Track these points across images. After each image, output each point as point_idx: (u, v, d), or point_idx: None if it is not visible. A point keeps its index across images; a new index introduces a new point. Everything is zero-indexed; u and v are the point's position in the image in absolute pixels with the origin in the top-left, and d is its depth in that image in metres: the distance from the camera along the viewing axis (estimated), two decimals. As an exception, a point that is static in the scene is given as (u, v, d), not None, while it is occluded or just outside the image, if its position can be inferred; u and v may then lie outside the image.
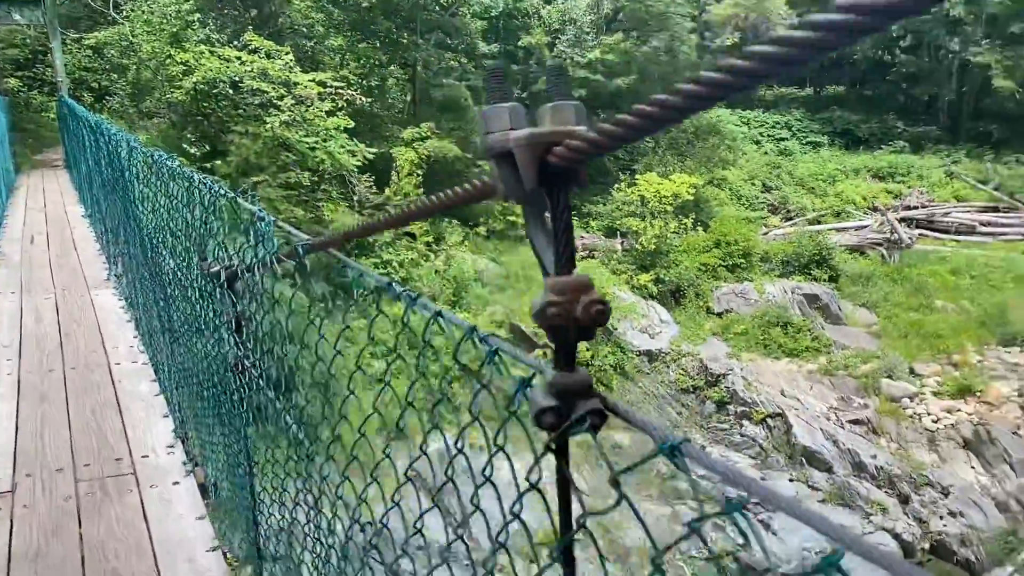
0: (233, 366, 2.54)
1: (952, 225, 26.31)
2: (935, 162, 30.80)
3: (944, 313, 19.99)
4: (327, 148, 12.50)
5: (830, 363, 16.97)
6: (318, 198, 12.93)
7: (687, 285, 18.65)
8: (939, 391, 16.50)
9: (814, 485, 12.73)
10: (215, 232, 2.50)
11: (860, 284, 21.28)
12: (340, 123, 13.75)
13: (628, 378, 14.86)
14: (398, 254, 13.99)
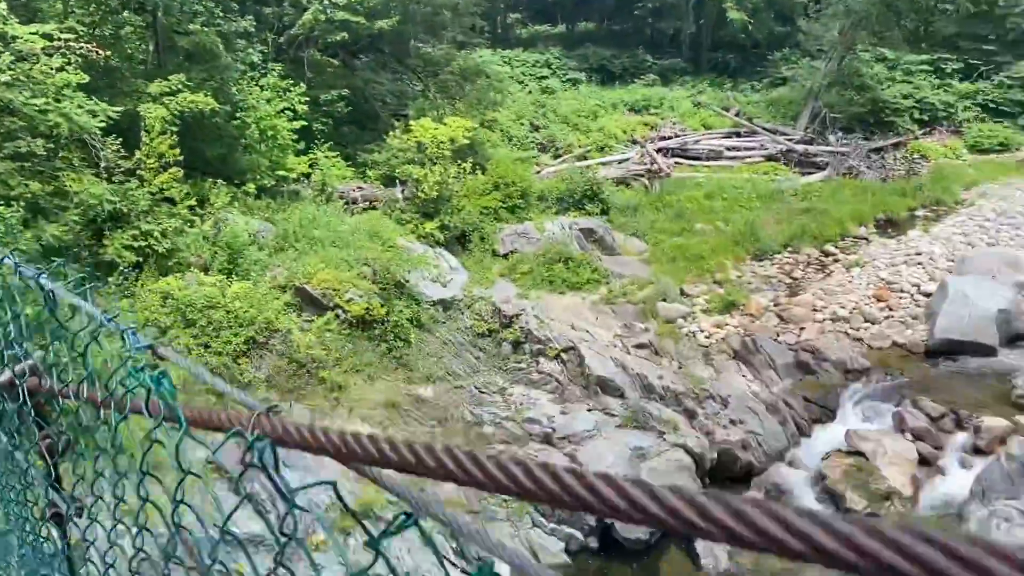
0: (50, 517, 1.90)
1: (703, 152, 28.34)
2: (683, 93, 32.92)
3: (704, 235, 21.52)
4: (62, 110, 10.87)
5: (611, 293, 17.72)
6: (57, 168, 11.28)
7: (472, 229, 18.64)
8: (708, 309, 17.83)
9: (610, 412, 13.30)
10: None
11: (628, 215, 22.39)
12: (71, 79, 12.04)
13: (425, 329, 14.64)
14: (158, 223, 12.64)
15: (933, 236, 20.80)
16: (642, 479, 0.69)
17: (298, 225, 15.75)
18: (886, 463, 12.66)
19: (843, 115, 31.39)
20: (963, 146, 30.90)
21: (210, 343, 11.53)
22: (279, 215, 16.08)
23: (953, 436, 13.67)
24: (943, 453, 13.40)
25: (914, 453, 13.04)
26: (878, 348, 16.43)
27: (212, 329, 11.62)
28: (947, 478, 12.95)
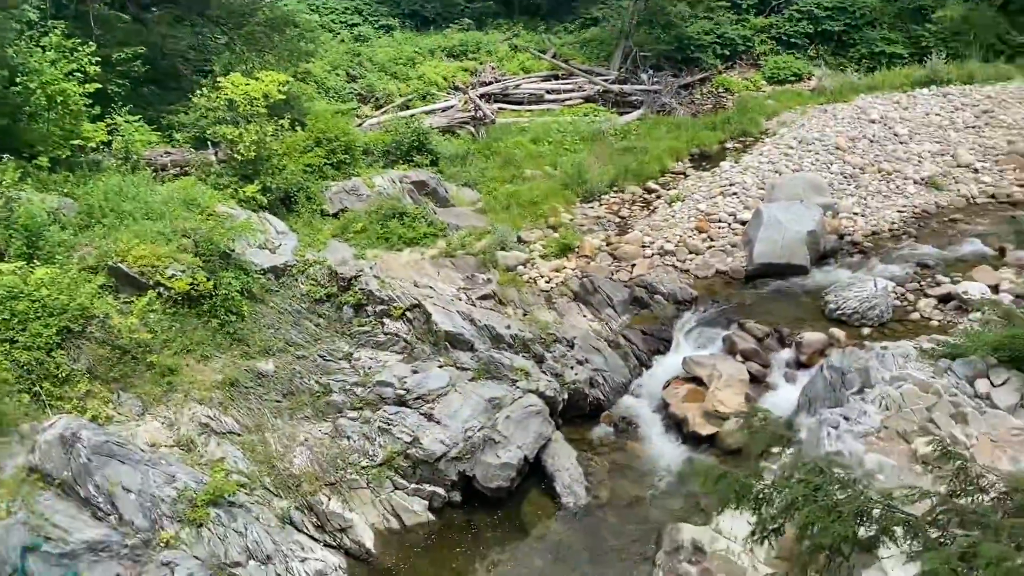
0: None
1: (524, 96, 28.43)
2: (498, 37, 32.71)
3: (534, 181, 21.68)
4: None
5: (449, 246, 17.53)
6: None
7: (296, 190, 17.75)
8: (545, 254, 18.05)
9: (462, 366, 13.24)
10: None
11: (458, 164, 22.15)
12: None
13: (258, 300, 13.87)
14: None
15: (744, 167, 22.00)
16: None
17: (103, 199, 14.35)
18: (722, 385, 13.43)
19: (652, 53, 32.38)
20: (762, 78, 32.75)
21: (16, 338, 10.32)
22: (80, 189, 14.56)
23: (778, 353, 14.71)
24: (770, 370, 14.41)
25: (745, 374, 13.92)
26: (704, 277, 17.30)
27: (17, 322, 10.40)
28: (776, 393, 13.96)
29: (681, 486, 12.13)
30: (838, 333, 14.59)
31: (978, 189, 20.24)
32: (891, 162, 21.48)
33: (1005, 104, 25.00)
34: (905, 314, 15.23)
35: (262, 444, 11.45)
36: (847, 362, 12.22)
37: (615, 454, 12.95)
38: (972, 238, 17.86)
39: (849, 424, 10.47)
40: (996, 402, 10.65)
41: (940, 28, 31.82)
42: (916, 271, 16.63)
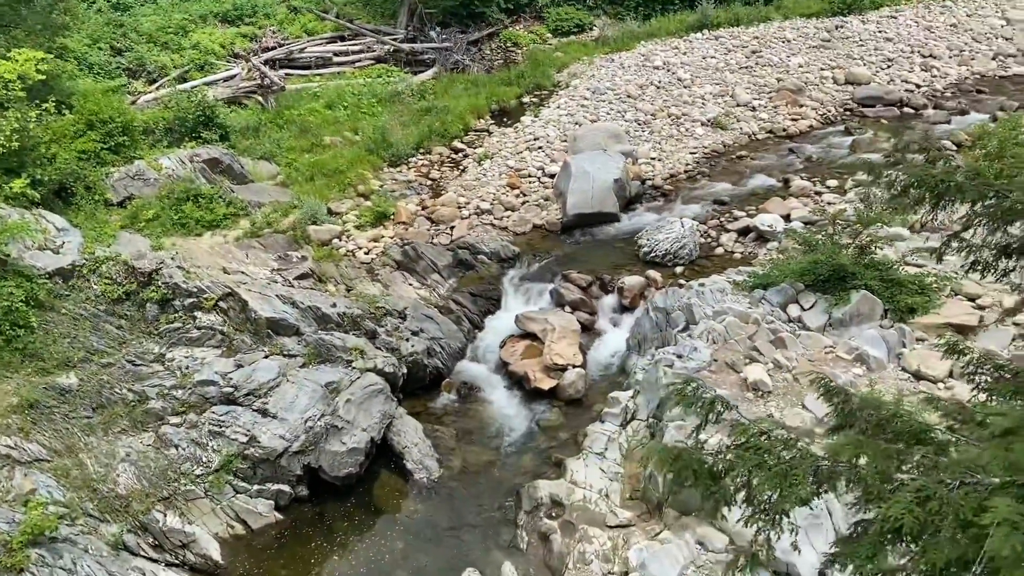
0: None
1: (311, 60, 27.10)
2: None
3: (335, 148, 20.78)
4: None
5: (254, 226, 16.47)
6: None
7: (73, 180, 15.84)
8: (360, 224, 17.40)
9: (290, 353, 12.47)
10: None
11: (251, 137, 20.78)
12: None
13: (47, 308, 12.30)
14: None
15: (544, 120, 22.27)
16: None
17: None
18: (556, 338, 13.58)
19: (437, 10, 31.87)
20: (547, 31, 33.24)
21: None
22: None
23: (603, 300, 15.10)
24: (598, 317, 14.78)
25: (576, 324, 14.17)
26: (523, 233, 17.41)
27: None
28: (605, 339, 14.37)
29: (530, 442, 12.20)
30: (655, 274, 15.19)
31: (758, 126, 21.73)
32: (679, 106, 22.56)
33: (770, 44, 26.94)
34: (711, 250, 16.12)
35: (78, 467, 10.23)
36: (670, 302, 12.75)
37: (461, 421, 12.80)
38: (758, 173, 19.16)
39: (683, 361, 10.90)
40: (807, 324, 11.51)
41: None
42: (714, 208, 17.64)
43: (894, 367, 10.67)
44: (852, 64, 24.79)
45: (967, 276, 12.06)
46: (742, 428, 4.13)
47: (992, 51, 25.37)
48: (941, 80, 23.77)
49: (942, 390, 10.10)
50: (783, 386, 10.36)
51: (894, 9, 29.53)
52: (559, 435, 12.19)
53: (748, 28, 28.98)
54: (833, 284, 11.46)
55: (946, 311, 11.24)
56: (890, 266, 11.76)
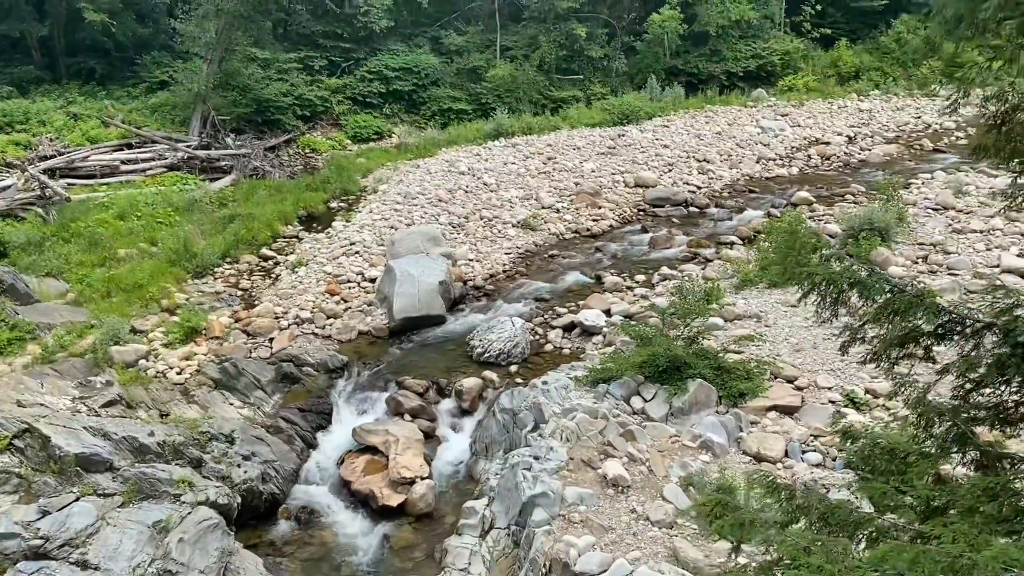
0: None
1: (96, 168, 25.33)
2: (50, 104, 28.81)
3: (131, 261, 19.32)
4: None
5: (45, 350, 14.75)
6: None
7: None
8: (169, 342, 16.06)
9: (104, 492, 11.00)
10: None
11: (33, 252, 18.84)
12: None
13: None
14: None
15: (359, 225, 22.07)
16: None
17: None
18: (401, 449, 13.07)
19: (231, 116, 31.21)
20: (345, 137, 33.48)
21: None
22: None
23: (440, 405, 14.80)
24: (437, 424, 14.43)
25: (419, 433, 13.72)
26: (348, 340, 16.85)
27: None
28: (448, 446, 14.01)
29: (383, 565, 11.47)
30: (491, 375, 15.18)
31: (564, 227, 22.81)
32: (489, 209, 23.25)
33: (563, 151, 28.68)
34: (540, 347, 16.40)
35: None
36: (516, 402, 12.72)
37: (305, 550, 11.80)
38: (571, 270, 19.98)
39: (540, 463, 10.83)
40: (651, 414, 11.90)
41: (494, 86, 35.50)
42: (537, 306, 18.10)
43: (736, 451, 11.22)
44: (639, 168, 26.89)
45: (785, 360, 13.14)
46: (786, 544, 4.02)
47: (755, 155, 28.57)
48: (718, 181, 26.35)
49: (781, 469, 10.74)
50: (640, 479, 10.55)
51: (666, 119, 32.62)
52: (414, 554, 11.55)
53: (541, 136, 30.78)
54: (670, 374, 11.99)
55: (772, 394, 12.08)
56: (716, 354, 12.52)
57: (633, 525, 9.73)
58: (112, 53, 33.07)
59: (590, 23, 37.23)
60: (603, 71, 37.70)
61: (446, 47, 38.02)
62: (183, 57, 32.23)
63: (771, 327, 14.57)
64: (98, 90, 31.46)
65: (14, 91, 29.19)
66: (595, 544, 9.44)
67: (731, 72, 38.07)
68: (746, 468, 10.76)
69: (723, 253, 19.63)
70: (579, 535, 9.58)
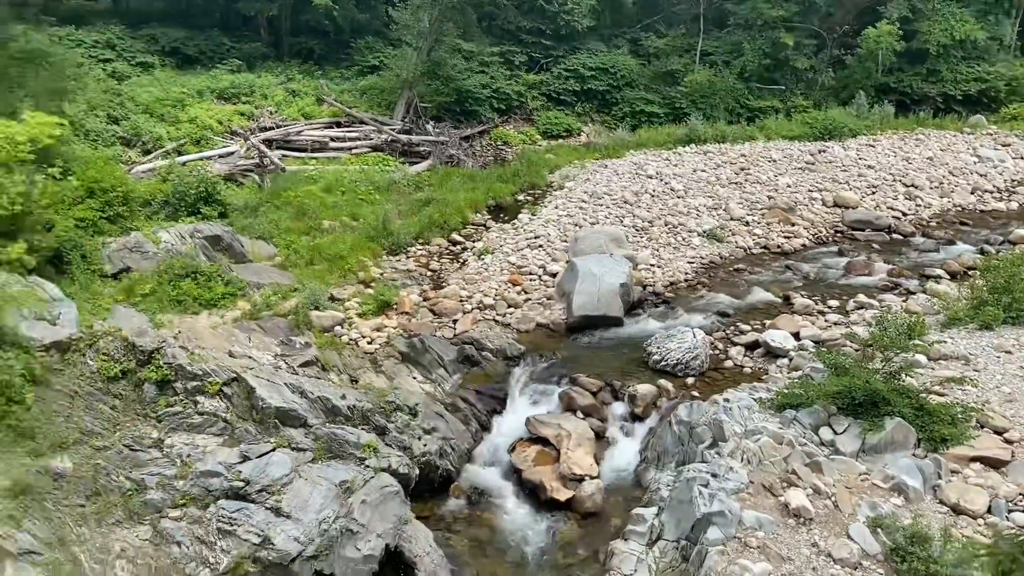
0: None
1: (307, 143, 27.07)
2: (272, 80, 31.08)
3: (333, 232, 20.51)
4: None
5: (254, 307, 15.93)
6: None
7: (70, 248, 15.26)
8: (362, 312, 16.96)
9: (297, 446, 11.81)
10: None
11: (249, 216, 20.42)
12: None
13: (42, 383, 11.52)
14: None
15: (544, 219, 22.35)
16: None
17: None
18: (572, 445, 13.16)
19: (432, 104, 32.44)
20: (536, 132, 33.95)
21: None
22: None
23: (612, 407, 14.75)
24: (608, 425, 14.39)
25: (590, 431, 13.77)
26: (526, 331, 17.12)
27: None
28: (617, 447, 13.96)
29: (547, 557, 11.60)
30: (666, 384, 14.95)
31: (752, 241, 22.08)
32: (675, 216, 22.89)
33: (757, 162, 27.72)
34: (720, 363, 15.98)
35: (71, 562, 9.37)
36: (695, 416, 12.47)
37: (473, 529, 12.17)
38: (756, 287, 19.30)
39: (718, 481, 10.56)
40: (840, 448, 11.31)
41: (690, 91, 34.85)
42: (718, 320, 17.62)
43: (931, 499, 10.48)
44: (839, 188, 25.56)
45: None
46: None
47: (970, 185, 26.45)
48: (926, 210, 24.62)
49: (983, 526, 9.92)
50: (824, 513, 10.06)
51: (872, 138, 30.79)
52: (577, 551, 11.62)
53: (734, 145, 29.90)
54: (866, 409, 11.34)
55: (978, 444, 11.17)
56: (918, 394, 11.72)
57: (814, 559, 9.32)
58: (331, 35, 35.23)
59: (798, 33, 35.74)
60: (807, 83, 36.08)
61: (645, 49, 37.73)
62: (394, 44, 33.84)
63: (980, 372, 13.45)
64: (315, 69, 33.63)
65: (243, 65, 31.75)
66: (771, 572, 9.11)
67: (948, 95, 35.37)
68: (943, 518, 10.04)
69: (929, 287, 18.31)
70: (755, 560, 9.29)
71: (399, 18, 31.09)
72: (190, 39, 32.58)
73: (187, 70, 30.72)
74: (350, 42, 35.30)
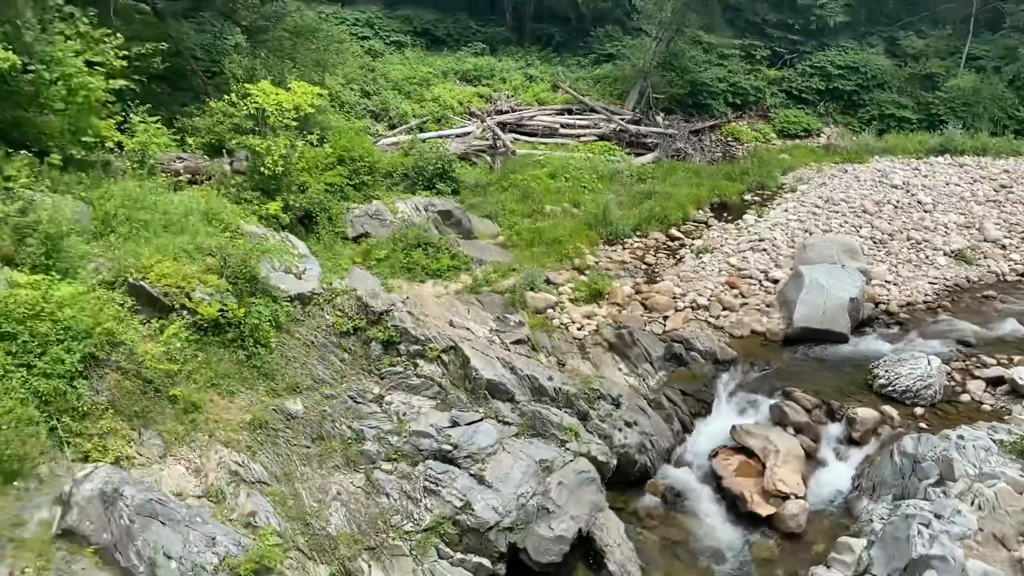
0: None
1: (538, 128, 27.67)
2: (512, 64, 32.03)
3: (554, 217, 20.86)
4: None
5: (475, 281, 16.59)
6: None
7: (319, 210, 16.66)
8: (575, 298, 17.16)
9: (504, 420, 12.21)
10: None
11: (479, 195, 21.24)
12: None
13: (284, 331, 12.71)
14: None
15: (771, 222, 21.45)
16: None
17: (120, 205, 13.13)
18: (779, 461, 12.59)
19: (665, 96, 32.04)
20: (772, 130, 32.58)
21: (33, 363, 9.06)
22: (94, 193, 13.30)
23: (827, 427, 13.93)
24: (820, 445, 13.61)
25: (800, 449, 13.10)
26: (739, 336, 16.54)
27: (37, 345, 9.13)
28: (828, 471, 13.17)
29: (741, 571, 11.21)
30: (891, 411, 13.89)
31: (1008, 267, 19.90)
32: (919, 231, 21.12)
33: (1022, 181, 24.90)
34: (955, 395, 14.60)
35: (293, 497, 10.28)
36: (922, 449, 11.50)
37: (666, 529, 12.00)
38: (1010, 318, 17.38)
39: (942, 523, 9.68)
40: (1095, 510, 9.98)
41: (950, 97, 31.94)
42: (958, 349, 16.08)
43: None
44: None
45: None
46: None
47: None
48: None
49: None
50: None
51: None
52: (775, 571, 11.13)
53: (997, 160, 27.10)
54: None
55: None
56: None
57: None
58: (571, 23, 35.75)
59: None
60: (1096, 96, 31.93)
61: (902, 49, 35.01)
62: (632, 33, 33.72)
63: None
64: (553, 56, 34.29)
65: (486, 48, 33.01)
66: (995, 634, 8.24)
67: None
68: None
69: None
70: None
71: (641, 7, 30.92)
72: (440, 21, 34.31)
73: (434, 51, 32.39)
74: (589, 30, 35.60)
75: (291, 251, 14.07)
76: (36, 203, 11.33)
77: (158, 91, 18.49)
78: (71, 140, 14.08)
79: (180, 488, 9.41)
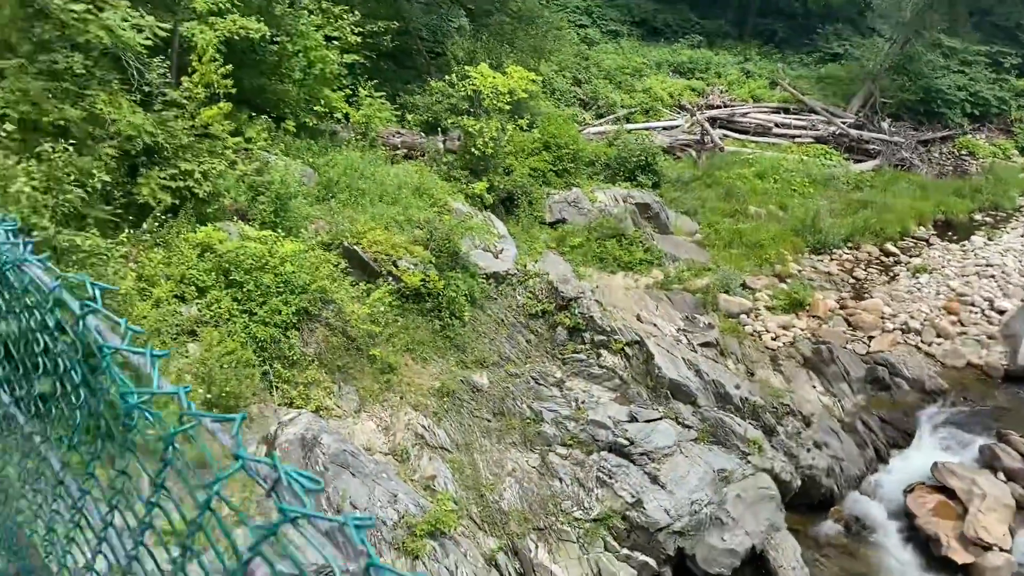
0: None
1: (751, 126, 26.69)
2: (730, 59, 31.07)
3: (758, 220, 20.07)
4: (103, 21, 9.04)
5: (666, 278, 16.30)
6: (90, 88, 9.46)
7: (520, 193, 17.00)
8: (772, 306, 16.47)
9: (684, 422, 11.96)
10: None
11: (679, 190, 20.84)
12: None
13: (477, 306, 13.13)
14: (199, 162, 10.89)
15: (1003, 246, 19.51)
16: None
17: (342, 173, 14.05)
18: (985, 508, 11.48)
19: (893, 101, 29.84)
20: (1014, 147, 29.53)
21: (255, 311, 9.94)
22: (320, 159, 14.32)
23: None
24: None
25: (1010, 498, 11.87)
26: (952, 367, 15.22)
27: (259, 295, 10.01)
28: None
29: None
30: None
31: None
32: None
33: None
34: None
35: (471, 467, 10.63)
36: None
37: (846, 560, 11.30)
38: None
39: None
40: None
41: None
42: None
43: None
44: None
45: None
46: None
47: None
48: None
49: None
50: None
51: None
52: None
53: None
54: None
55: None
56: None
57: None
58: (798, 19, 34.10)
59: None
60: None
61: None
62: (863, 33, 31.65)
63: None
64: (774, 52, 32.87)
65: (703, 41, 32.20)
66: None
67: None
68: None
69: None
70: None
71: (877, 5, 28.92)
72: (659, 12, 33.83)
73: (650, 41, 31.99)
74: (816, 27, 33.79)
75: (492, 231, 14.45)
76: (271, 165, 12.35)
77: (385, 68, 19.53)
78: (305, 109, 15.21)
79: (370, 443, 9.99)
